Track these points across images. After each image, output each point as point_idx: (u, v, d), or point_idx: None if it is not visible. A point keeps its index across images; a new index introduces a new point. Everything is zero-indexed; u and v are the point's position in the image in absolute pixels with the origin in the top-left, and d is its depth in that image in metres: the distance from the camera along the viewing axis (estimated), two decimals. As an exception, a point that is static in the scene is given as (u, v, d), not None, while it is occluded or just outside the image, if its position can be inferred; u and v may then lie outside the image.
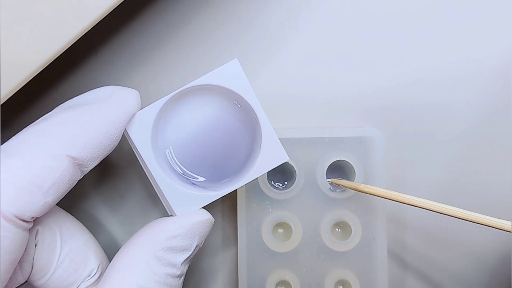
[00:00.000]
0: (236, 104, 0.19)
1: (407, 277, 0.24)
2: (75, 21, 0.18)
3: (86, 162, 0.17)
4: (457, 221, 0.18)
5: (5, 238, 0.16)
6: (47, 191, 0.16)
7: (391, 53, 0.24)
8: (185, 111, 0.19)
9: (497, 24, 0.24)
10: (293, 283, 0.22)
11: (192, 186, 0.19)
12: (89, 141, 0.17)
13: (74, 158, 0.17)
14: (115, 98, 0.18)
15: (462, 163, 0.24)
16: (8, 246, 0.16)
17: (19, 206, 0.16)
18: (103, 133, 0.17)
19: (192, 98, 0.19)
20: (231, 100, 0.19)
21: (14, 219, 0.16)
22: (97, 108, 0.17)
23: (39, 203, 0.16)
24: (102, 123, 0.17)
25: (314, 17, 0.24)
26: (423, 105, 0.24)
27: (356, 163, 0.22)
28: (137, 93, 0.18)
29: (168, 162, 0.19)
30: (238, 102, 0.19)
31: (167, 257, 0.18)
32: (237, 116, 0.19)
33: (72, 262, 0.19)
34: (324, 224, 0.22)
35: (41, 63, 0.18)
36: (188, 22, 0.23)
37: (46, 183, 0.16)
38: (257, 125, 0.19)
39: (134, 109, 0.18)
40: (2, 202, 0.15)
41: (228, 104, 0.19)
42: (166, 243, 0.18)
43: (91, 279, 0.19)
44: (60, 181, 0.17)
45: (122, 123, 0.18)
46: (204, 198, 0.19)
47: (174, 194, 0.19)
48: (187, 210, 0.19)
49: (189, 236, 0.18)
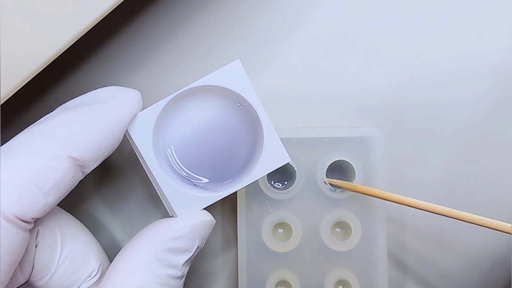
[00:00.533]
0: (239, 106, 0.19)
1: (406, 277, 0.24)
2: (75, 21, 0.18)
3: (87, 163, 0.17)
4: (457, 221, 0.18)
5: (5, 238, 0.16)
6: (48, 192, 0.16)
7: (390, 53, 0.24)
8: (186, 112, 0.19)
9: (497, 22, 0.24)
10: (293, 283, 0.22)
11: (193, 187, 0.19)
12: (90, 142, 0.17)
13: (75, 158, 0.17)
14: (117, 99, 0.18)
15: (462, 163, 0.24)
16: (9, 247, 0.16)
17: (20, 207, 0.16)
18: (105, 133, 0.17)
19: (194, 99, 0.19)
20: (232, 101, 0.19)
21: (15, 220, 0.16)
22: (99, 108, 0.17)
23: (40, 204, 0.16)
24: (103, 123, 0.17)
25: (314, 17, 0.24)
26: (423, 105, 0.24)
27: (356, 163, 0.22)
28: (139, 93, 0.18)
29: (170, 163, 0.19)
30: (240, 103, 0.19)
31: (168, 258, 0.18)
32: (239, 117, 0.19)
33: (72, 263, 0.19)
34: (324, 224, 0.22)
35: (41, 63, 0.18)
36: (188, 22, 0.23)
37: (47, 184, 0.16)
38: (259, 126, 0.19)
39: (135, 109, 0.18)
40: (3, 203, 0.15)
41: (229, 105, 0.19)
42: (167, 244, 0.18)
43: (91, 280, 0.19)
44: (61, 182, 0.17)
45: (123, 124, 0.18)
46: (205, 199, 0.19)
47: (175, 195, 0.19)
48: (188, 211, 0.19)
49: (190, 237, 0.18)
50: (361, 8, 0.24)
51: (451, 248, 0.24)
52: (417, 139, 0.24)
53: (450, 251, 0.24)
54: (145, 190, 0.24)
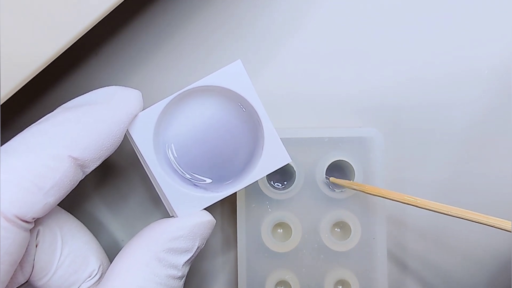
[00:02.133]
0: (240, 106, 0.19)
1: (406, 277, 0.24)
2: (75, 21, 0.18)
3: (88, 163, 0.17)
4: (457, 221, 0.18)
5: (5, 238, 0.16)
6: (48, 192, 0.16)
7: (390, 53, 0.24)
8: (187, 111, 0.19)
9: (497, 23, 0.24)
10: (292, 283, 0.22)
11: (194, 187, 0.19)
12: (91, 142, 0.17)
13: (76, 158, 0.17)
14: (117, 99, 0.18)
15: (462, 163, 0.24)
16: (9, 247, 0.16)
17: (20, 207, 0.16)
18: (105, 133, 0.17)
19: (194, 99, 0.19)
20: (233, 101, 0.19)
21: (15, 220, 0.16)
22: (99, 108, 0.17)
23: (40, 204, 0.16)
24: (104, 123, 0.17)
25: (314, 17, 0.24)
26: (422, 105, 0.24)
27: (356, 163, 0.22)
28: (139, 93, 0.18)
29: (170, 163, 0.19)
30: (241, 103, 0.19)
31: (168, 258, 0.18)
32: (240, 117, 0.19)
33: (72, 263, 0.19)
34: (324, 224, 0.22)
35: (41, 63, 0.18)
36: (188, 22, 0.23)
37: (47, 184, 0.16)
38: (260, 126, 0.19)
39: (136, 109, 0.18)
40: (3, 203, 0.15)
41: (230, 105, 0.19)
42: (168, 244, 0.18)
43: (91, 280, 0.19)
44: (62, 182, 0.16)
45: (124, 124, 0.18)
46: (205, 200, 0.19)
47: (175, 195, 0.19)
48: (189, 211, 0.19)
49: (191, 238, 0.18)
50: (361, 8, 0.24)
51: (451, 248, 0.24)
52: (417, 139, 0.24)
53: (450, 251, 0.24)
54: (145, 190, 0.24)
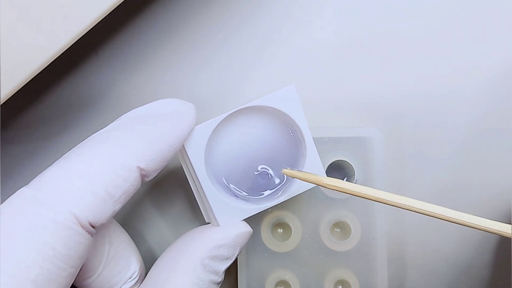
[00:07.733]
0: (286, 127, 0.20)
1: (406, 277, 0.24)
2: (75, 21, 0.18)
3: (150, 173, 0.18)
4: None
5: (80, 244, 0.16)
6: (117, 200, 0.17)
7: (390, 53, 0.24)
8: (234, 127, 0.20)
9: (497, 23, 0.24)
10: (292, 283, 0.22)
11: (235, 197, 0.20)
12: (156, 154, 0.17)
13: (142, 169, 0.17)
14: (179, 112, 0.18)
15: (462, 164, 0.24)
16: (81, 252, 0.16)
17: (94, 214, 0.16)
18: (169, 145, 0.18)
19: (241, 116, 0.20)
20: (279, 120, 0.20)
21: (88, 226, 0.16)
22: (165, 121, 0.18)
23: (110, 211, 0.17)
24: (169, 136, 0.18)
25: (314, 18, 0.24)
26: (422, 105, 0.24)
27: (356, 163, 0.22)
28: (194, 107, 0.19)
29: (215, 173, 0.20)
30: (286, 123, 0.20)
31: (212, 264, 0.19)
32: (284, 136, 0.20)
33: (117, 264, 0.19)
34: (324, 224, 0.22)
35: (41, 63, 0.18)
36: (189, 22, 0.23)
37: (117, 192, 0.17)
38: (302, 146, 0.20)
39: (194, 123, 0.19)
40: (81, 209, 0.16)
41: (276, 124, 0.20)
42: (213, 252, 0.19)
43: (132, 281, 0.20)
44: (129, 191, 0.17)
45: (184, 137, 0.18)
46: (246, 211, 0.20)
47: (219, 204, 0.20)
48: (229, 220, 0.20)
49: (233, 246, 0.19)
50: (362, 8, 0.24)
51: (451, 248, 0.24)
52: (417, 139, 0.24)
53: (450, 251, 0.24)
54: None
